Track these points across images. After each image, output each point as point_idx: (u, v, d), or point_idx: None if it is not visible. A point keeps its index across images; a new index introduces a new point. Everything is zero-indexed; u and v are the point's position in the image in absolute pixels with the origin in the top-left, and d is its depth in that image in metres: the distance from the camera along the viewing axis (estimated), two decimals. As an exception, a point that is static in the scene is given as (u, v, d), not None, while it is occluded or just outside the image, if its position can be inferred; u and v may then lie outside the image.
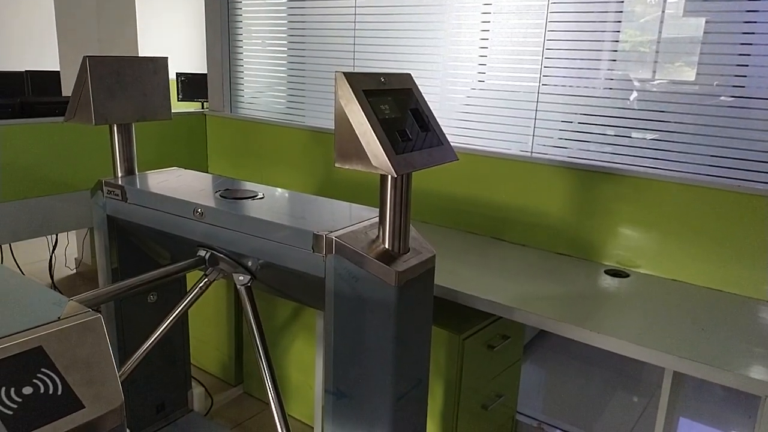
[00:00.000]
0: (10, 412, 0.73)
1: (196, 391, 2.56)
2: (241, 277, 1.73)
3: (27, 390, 0.75)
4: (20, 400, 0.74)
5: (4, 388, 0.74)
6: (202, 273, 1.81)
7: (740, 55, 1.94)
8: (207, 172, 3.45)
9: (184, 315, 2.38)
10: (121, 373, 1.79)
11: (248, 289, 1.74)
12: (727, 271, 1.97)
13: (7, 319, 0.84)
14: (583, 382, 2.94)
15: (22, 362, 0.77)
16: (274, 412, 1.66)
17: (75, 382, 0.79)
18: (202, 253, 1.75)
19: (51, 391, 0.77)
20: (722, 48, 1.97)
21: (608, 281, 2.04)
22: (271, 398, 1.68)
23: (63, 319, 0.84)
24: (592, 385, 2.92)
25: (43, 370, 0.78)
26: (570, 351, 3.21)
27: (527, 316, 1.74)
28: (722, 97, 2.00)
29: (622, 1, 2.15)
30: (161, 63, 2.02)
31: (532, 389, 2.86)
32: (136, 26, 3.92)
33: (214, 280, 1.81)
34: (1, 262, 3.83)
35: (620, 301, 1.88)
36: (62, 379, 0.79)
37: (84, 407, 0.79)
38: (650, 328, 1.66)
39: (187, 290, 1.86)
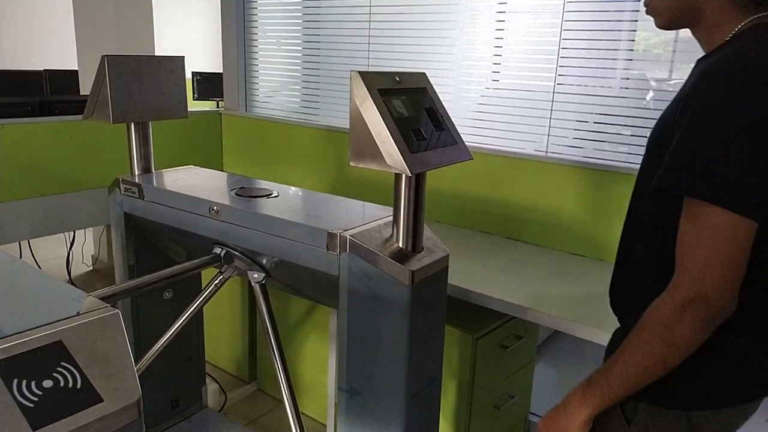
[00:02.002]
0: (31, 405, 0.74)
1: (211, 387, 2.58)
2: (255, 275, 1.74)
3: (47, 383, 0.77)
4: (41, 393, 0.76)
5: (25, 381, 0.75)
6: (217, 270, 1.83)
7: (759, 54, 1.92)
8: (222, 171, 3.47)
9: (199, 312, 2.40)
10: (136, 368, 1.81)
11: (262, 286, 1.75)
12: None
13: (28, 313, 0.85)
14: (597, 384, 2.92)
15: (43, 356, 0.78)
16: (288, 409, 1.67)
17: (94, 376, 0.81)
18: (217, 250, 1.77)
19: (70, 385, 0.78)
20: (741, 47, 1.95)
21: (623, 282, 2.02)
22: (284, 395, 1.69)
23: (82, 314, 0.86)
24: (605, 386, 2.90)
25: (62, 363, 0.79)
26: (584, 352, 3.19)
27: (541, 317, 1.73)
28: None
29: (639, 0, 2.14)
30: (178, 62, 2.04)
31: (545, 390, 2.85)
32: (153, 25, 3.96)
33: (228, 278, 1.83)
34: (20, 258, 3.87)
35: (635, 302, 1.86)
36: (81, 372, 0.80)
37: (103, 401, 0.80)
38: (665, 329, 1.65)
39: (202, 287, 1.87)
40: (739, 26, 0.99)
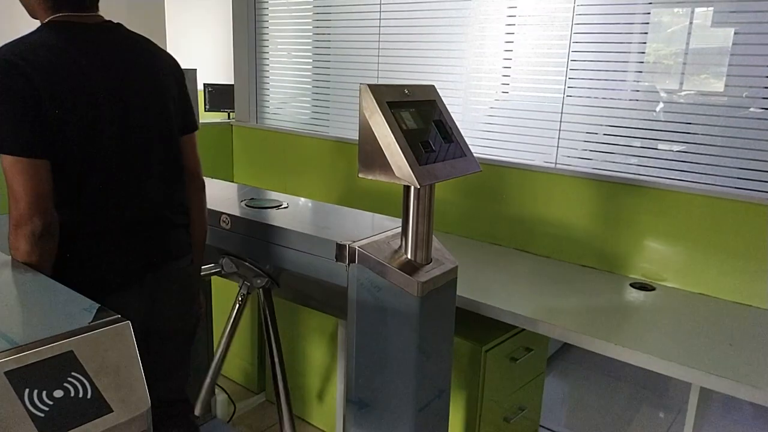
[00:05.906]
0: (42, 415, 0.75)
1: (219, 398, 2.58)
2: (258, 281, 1.75)
3: (58, 393, 0.77)
4: (51, 403, 0.76)
5: (36, 391, 0.76)
6: (238, 288, 1.83)
7: (770, 66, 1.91)
8: (232, 182, 3.49)
9: (208, 322, 2.41)
10: (146, 378, 1.81)
11: (267, 295, 1.76)
12: (754, 286, 1.93)
13: (40, 324, 0.86)
14: (608, 397, 2.89)
15: (54, 366, 0.79)
16: (284, 413, 1.67)
17: (104, 386, 0.81)
18: (227, 260, 1.78)
19: (81, 395, 0.79)
20: (751, 59, 1.94)
21: (634, 294, 2.01)
22: (282, 401, 1.69)
23: (93, 324, 0.86)
24: (616, 399, 2.88)
25: (73, 374, 0.80)
26: (594, 365, 3.16)
27: (551, 329, 1.72)
28: (751, 109, 1.97)
29: (649, 12, 2.14)
30: (190, 75, 2.06)
31: (555, 403, 2.82)
32: (165, 38, 4.01)
33: (248, 294, 1.83)
34: (32, 268, 3.89)
35: (646, 314, 1.86)
36: (92, 383, 0.81)
37: (112, 411, 0.81)
38: (676, 342, 1.64)
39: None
40: (45, 21, 1.32)
